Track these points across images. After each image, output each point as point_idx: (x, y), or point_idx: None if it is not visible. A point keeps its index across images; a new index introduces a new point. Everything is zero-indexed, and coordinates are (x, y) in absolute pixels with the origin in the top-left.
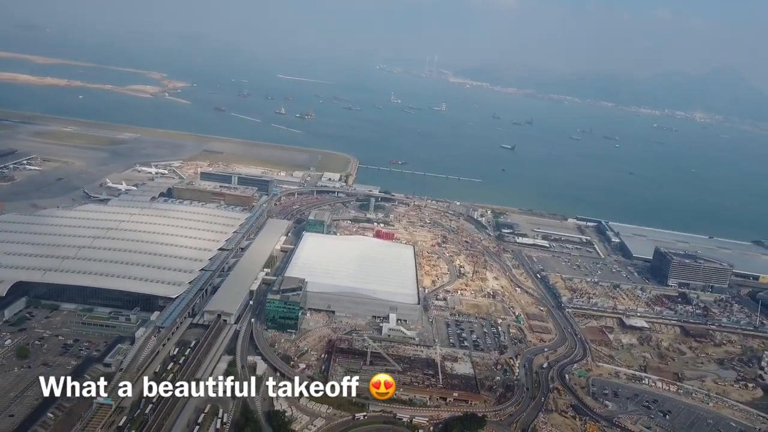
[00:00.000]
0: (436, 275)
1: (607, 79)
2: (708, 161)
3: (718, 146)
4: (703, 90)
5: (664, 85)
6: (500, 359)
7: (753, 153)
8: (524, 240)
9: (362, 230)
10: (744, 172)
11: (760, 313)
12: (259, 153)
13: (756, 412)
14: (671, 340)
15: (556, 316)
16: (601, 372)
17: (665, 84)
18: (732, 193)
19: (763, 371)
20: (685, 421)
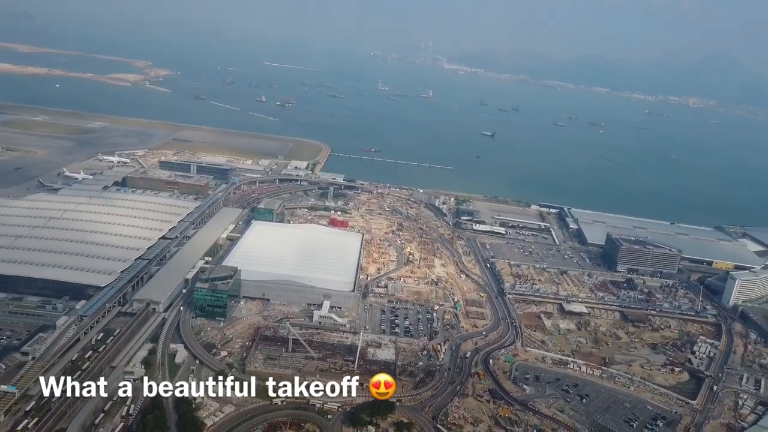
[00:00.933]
0: (383, 262)
1: (603, 64)
2: (691, 147)
3: (707, 131)
4: (698, 75)
5: (659, 70)
6: (428, 345)
7: (739, 138)
8: (481, 227)
9: (318, 218)
10: (724, 158)
11: (703, 297)
12: (230, 141)
13: (676, 395)
14: (609, 326)
15: (496, 302)
16: (528, 357)
17: (661, 69)
18: (706, 178)
19: (694, 356)
20: (602, 405)
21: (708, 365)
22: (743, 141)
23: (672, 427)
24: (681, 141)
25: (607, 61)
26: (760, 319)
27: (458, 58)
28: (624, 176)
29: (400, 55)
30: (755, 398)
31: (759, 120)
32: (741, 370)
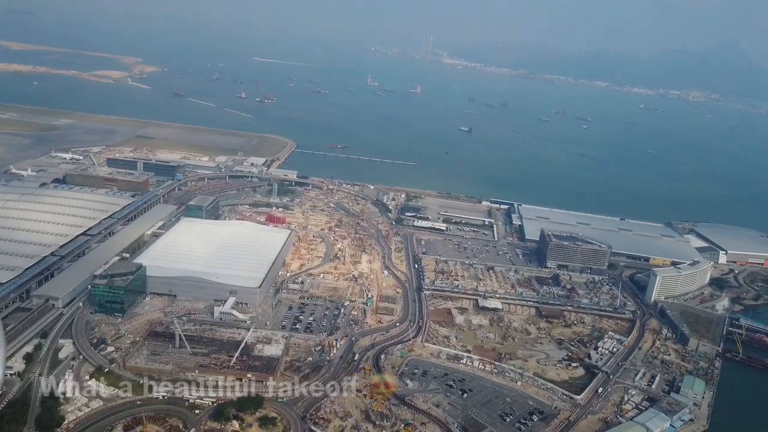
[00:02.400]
0: (309, 258)
1: (606, 58)
2: (674, 142)
3: (698, 126)
4: (703, 68)
5: (663, 64)
6: (323, 341)
7: (730, 133)
8: (422, 223)
9: (257, 215)
10: (704, 153)
11: (627, 293)
12: (195, 138)
13: (562, 391)
14: (522, 321)
15: (411, 298)
16: (424, 353)
17: (665, 63)
18: (677, 174)
19: (596, 351)
20: (482, 400)
21: (606, 361)
22: (733, 135)
23: (547, 421)
24: (666, 136)
25: (611, 55)
26: (676, 316)
27: (459, 52)
28: (594, 172)
29: (402, 49)
30: (644, 394)
31: (758, 114)
32: (640, 366)
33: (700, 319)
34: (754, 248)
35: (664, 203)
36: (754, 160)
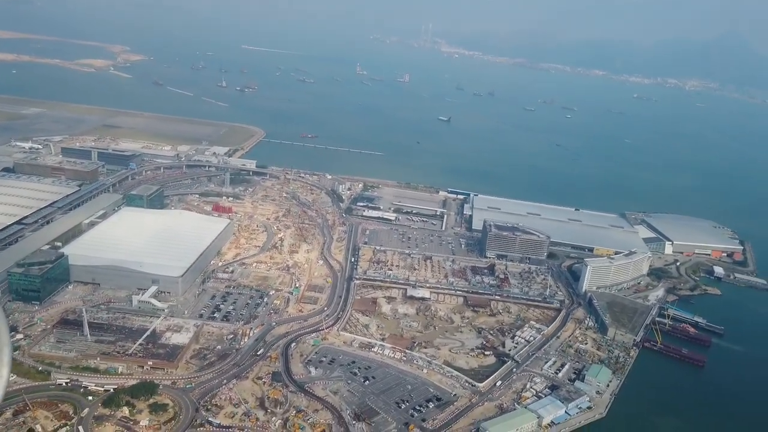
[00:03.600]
0: (246, 248)
1: (605, 47)
2: (656, 131)
3: (687, 116)
4: (704, 57)
5: (664, 53)
6: (238, 329)
7: (717, 122)
8: (371, 213)
9: (205, 204)
10: (684, 142)
11: (563, 283)
12: (163, 127)
13: (466, 378)
14: (449, 310)
15: (340, 287)
16: (337, 341)
17: (666, 51)
18: (647, 164)
19: (512, 340)
20: (383, 387)
21: (520, 350)
22: (720, 125)
23: (442, 408)
24: (650, 125)
25: (611, 43)
26: (602, 305)
27: (458, 40)
28: (564, 162)
29: (400, 38)
30: (549, 382)
31: (753, 103)
32: (553, 354)
33: (626, 308)
34: (702, 239)
35: (626, 194)
36: (734, 150)
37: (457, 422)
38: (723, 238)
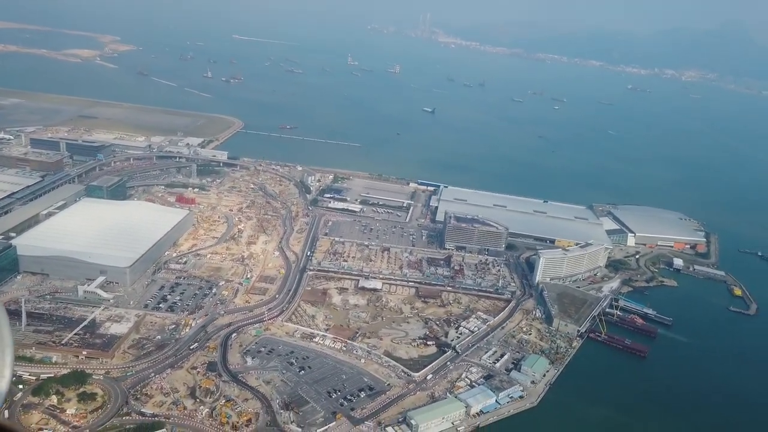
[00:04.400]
0: (204, 239)
1: (604, 37)
2: (643, 123)
3: (678, 107)
4: (704, 47)
5: (664, 43)
6: (180, 320)
7: (707, 114)
8: (336, 205)
9: (169, 195)
10: (669, 134)
11: (512, 272)
12: (140, 118)
13: (402, 368)
14: (399, 301)
15: (293, 278)
16: (279, 331)
17: (665, 41)
18: (626, 156)
19: (456, 330)
20: (318, 377)
21: (462, 340)
22: (710, 117)
23: (373, 397)
24: (638, 117)
25: (611, 33)
26: (552, 296)
27: (457, 30)
28: (544, 154)
29: (398, 28)
30: (486, 371)
31: (749, 94)
32: (495, 344)
33: (576, 300)
34: (665, 231)
35: (600, 185)
36: (720, 142)
37: (386, 411)
38: (687, 231)
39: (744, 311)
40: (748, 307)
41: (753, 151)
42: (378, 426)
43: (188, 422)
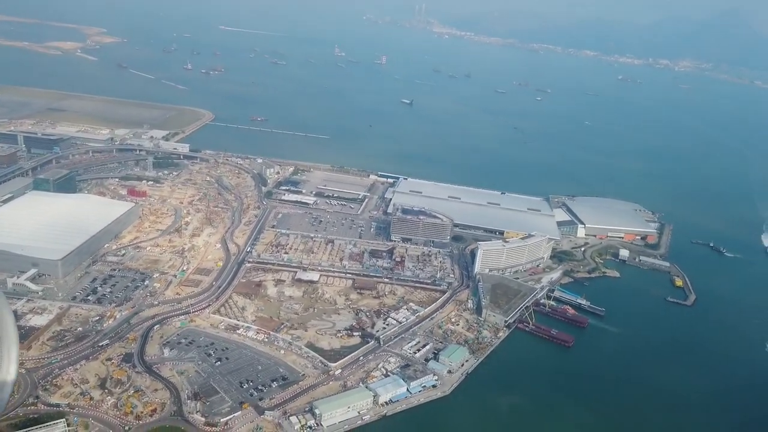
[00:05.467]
0: (148, 231)
1: (600, 27)
2: (623, 114)
3: (664, 98)
4: (701, 36)
5: (661, 32)
6: (105, 311)
7: (692, 104)
8: (290, 197)
9: (121, 188)
10: (649, 126)
11: (453, 264)
12: (110, 111)
13: (321, 358)
14: (335, 293)
15: (229, 270)
16: (204, 323)
17: (663, 31)
18: (598, 147)
19: (384, 321)
20: (233, 367)
21: (388, 331)
22: (693, 107)
23: (284, 387)
24: (619, 108)
25: (606, 23)
26: (486, 287)
27: (452, 20)
28: (516, 146)
29: (394, 18)
30: (404, 361)
31: (741, 84)
32: (419, 335)
33: (509, 290)
34: (617, 222)
35: (564, 177)
36: (700, 132)
37: (295, 401)
38: (640, 222)
39: (681, 301)
40: (686, 298)
41: (730, 141)
42: (283, 415)
43: (92, 412)
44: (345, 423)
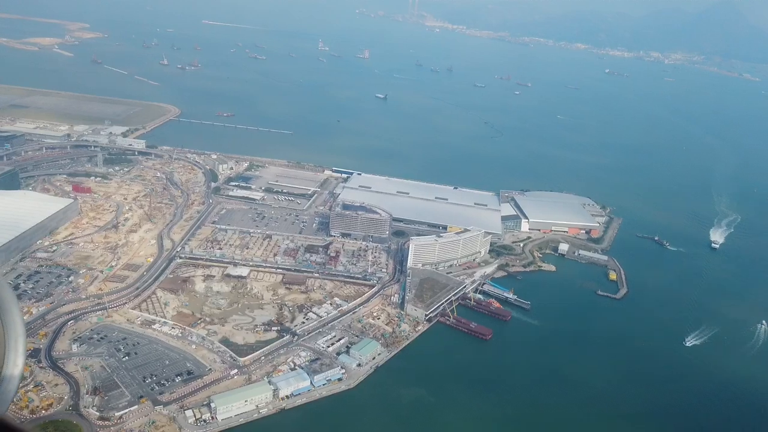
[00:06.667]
0: (85, 228)
1: (594, 20)
2: (597, 108)
3: (646, 91)
4: (695, 28)
5: (655, 24)
6: (23, 307)
7: (673, 98)
8: (238, 193)
9: (66, 185)
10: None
11: (388, 258)
12: (74, 107)
13: (231, 353)
14: (263, 288)
15: (159, 266)
16: (120, 318)
17: (657, 23)
18: (568, 142)
19: (304, 315)
20: (140, 362)
21: (308, 325)
22: (674, 100)
23: (187, 382)
24: (597, 101)
25: (599, 15)
26: (414, 282)
27: (445, 14)
28: (483, 141)
29: (387, 12)
30: (315, 355)
31: (729, 77)
32: (338, 329)
33: (437, 285)
34: (561, 217)
35: (525, 171)
36: (673, 125)
37: (196, 395)
38: (585, 216)
39: (611, 295)
40: (617, 291)
41: (704, 135)
42: (180, 409)
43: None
44: (241, 416)
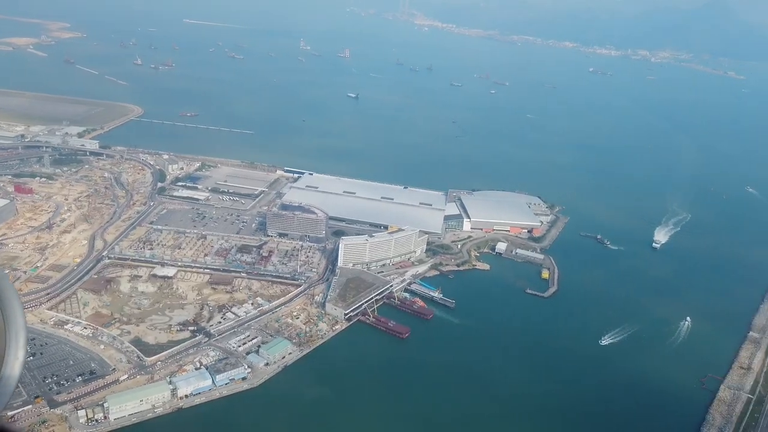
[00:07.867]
0: (19, 228)
1: (586, 17)
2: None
3: (625, 90)
4: (687, 26)
5: (646, 22)
6: None
7: (648, 97)
8: (183, 193)
9: (9, 185)
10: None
11: (321, 258)
12: (36, 107)
13: (138, 353)
14: (189, 288)
15: (85, 266)
16: (33, 318)
17: (648, 20)
18: (531, 140)
19: (222, 315)
20: (45, 362)
21: (223, 324)
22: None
23: (87, 382)
24: (572, 101)
25: (592, 13)
26: (341, 281)
27: (437, 12)
28: (446, 140)
29: (378, 10)
30: (224, 355)
31: (715, 75)
32: (254, 329)
33: (362, 284)
34: (504, 216)
35: (480, 170)
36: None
37: (94, 395)
38: (528, 215)
39: (539, 293)
40: (545, 290)
41: (674, 134)
42: (73, 409)
43: None
44: (134, 416)
